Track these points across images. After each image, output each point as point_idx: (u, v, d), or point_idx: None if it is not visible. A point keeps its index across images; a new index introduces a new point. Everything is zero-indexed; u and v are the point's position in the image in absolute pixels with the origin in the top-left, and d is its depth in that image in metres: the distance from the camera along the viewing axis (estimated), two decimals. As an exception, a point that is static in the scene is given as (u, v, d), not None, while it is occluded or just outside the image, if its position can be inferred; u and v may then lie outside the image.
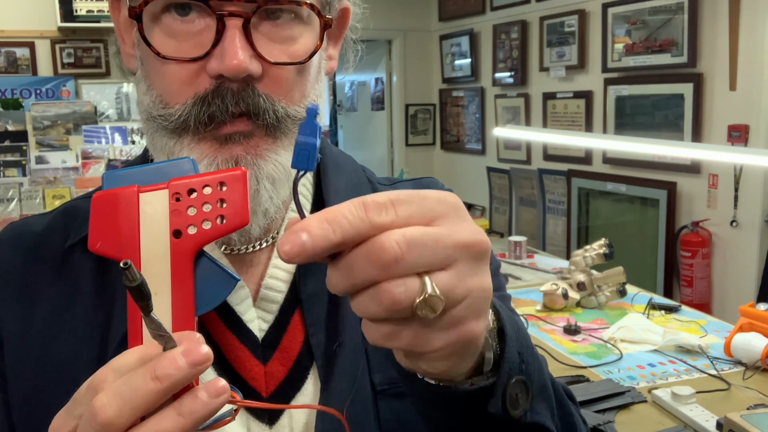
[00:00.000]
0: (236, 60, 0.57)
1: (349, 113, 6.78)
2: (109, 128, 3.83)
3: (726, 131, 3.31)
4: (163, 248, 0.44)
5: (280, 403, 0.64)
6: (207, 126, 0.59)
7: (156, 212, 0.44)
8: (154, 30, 0.60)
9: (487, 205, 5.33)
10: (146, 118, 0.63)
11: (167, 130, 0.61)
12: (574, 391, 1.58)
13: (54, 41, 4.31)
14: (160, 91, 0.61)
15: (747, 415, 1.27)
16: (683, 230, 3.56)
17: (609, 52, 3.94)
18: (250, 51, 0.58)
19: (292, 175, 0.63)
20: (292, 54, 0.61)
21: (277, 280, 0.67)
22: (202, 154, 0.60)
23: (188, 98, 0.59)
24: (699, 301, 3.40)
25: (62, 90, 4.31)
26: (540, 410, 0.54)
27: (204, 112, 0.59)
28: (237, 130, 0.60)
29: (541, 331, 2.03)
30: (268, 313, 0.67)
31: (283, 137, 0.62)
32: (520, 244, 2.96)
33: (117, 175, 0.46)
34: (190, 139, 0.60)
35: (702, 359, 1.76)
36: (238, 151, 0.60)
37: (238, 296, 0.66)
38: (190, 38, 0.59)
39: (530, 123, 4.69)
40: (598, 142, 3.23)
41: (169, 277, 0.44)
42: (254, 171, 0.60)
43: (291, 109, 0.62)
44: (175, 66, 0.59)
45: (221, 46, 0.58)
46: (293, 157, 0.44)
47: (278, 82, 0.61)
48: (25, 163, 3.69)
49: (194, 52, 0.58)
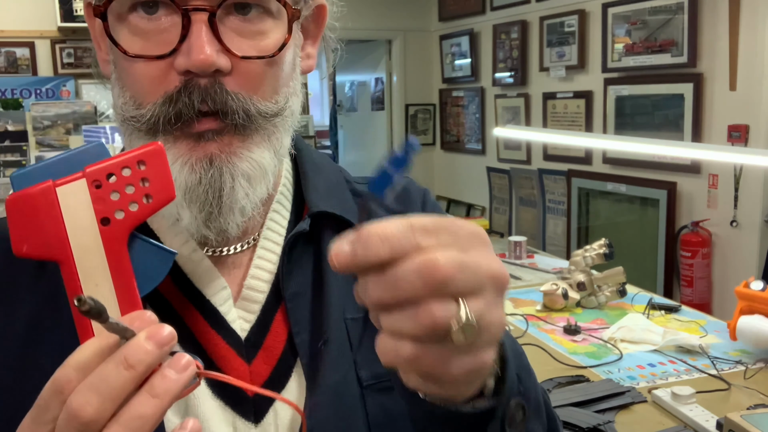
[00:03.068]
0: (203, 54, 0.56)
1: (349, 113, 6.78)
2: (109, 128, 3.83)
3: (726, 131, 3.31)
4: (93, 238, 0.43)
5: (265, 401, 0.64)
6: (174, 124, 0.58)
7: (78, 203, 0.43)
8: (122, 29, 0.59)
9: (487, 205, 5.33)
10: (121, 120, 0.62)
11: (141, 132, 0.60)
12: (573, 391, 1.58)
13: (54, 41, 4.31)
14: (132, 92, 0.60)
15: (747, 415, 1.27)
16: (683, 230, 3.56)
17: (609, 52, 3.94)
18: (217, 45, 0.57)
19: (267, 172, 0.62)
20: (262, 49, 0.60)
21: (259, 280, 0.68)
22: (177, 154, 0.59)
23: (158, 97, 0.59)
24: (699, 301, 3.40)
25: (62, 90, 4.31)
26: (534, 427, 0.56)
27: (171, 110, 0.58)
28: (207, 128, 0.59)
29: (541, 331, 2.03)
30: (250, 312, 0.67)
31: (254, 134, 0.61)
32: (520, 244, 2.96)
33: (25, 173, 0.44)
34: (164, 139, 0.59)
35: (702, 359, 1.76)
36: (212, 149, 0.60)
37: (221, 297, 0.66)
38: (157, 35, 0.58)
39: (530, 123, 4.69)
40: (598, 142, 3.23)
41: (107, 266, 0.43)
42: (229, 169, 0.60)
43: (262, 105, 0.61)
44: (143, 65, 0.59)
45: (188, 41, 0.57)
46: (375, 178, 0.43)
47: (248, 78, 0.60)
48: (25, 163, 3.69)
49: (161, 50, 0.58)
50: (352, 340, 0.67)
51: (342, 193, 0.75)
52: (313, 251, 0.70)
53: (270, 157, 0.63)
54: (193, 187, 0.59)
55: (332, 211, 0.70)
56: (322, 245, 0.69)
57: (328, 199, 0.72)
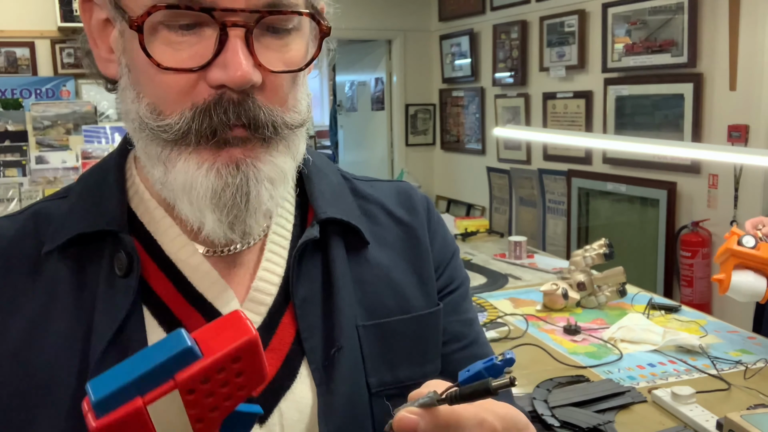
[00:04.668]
0: (240, 71, 0.57)
1: (349, 113, 6.77)
2: (109, 128, 3.83)
3: (726, 131, 3.31)
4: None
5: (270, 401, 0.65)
6: (209, 140, 0.59)
7: (172, 416, 0.39)
8: (153, 40, 0.59)
9: (487, 205, 5.33)
10: (138, 127, 0.62)
11: (162, 140, 0.60)
12: (573, 391, 1.59)
13: (54, 41, 4.31)
14: (154, 100, 0.60)
15: (747, 415, 1.27)
16: (683, 230, 3.56)
17: (609, 52, 3.94)
18: (252, 61, 0.58)
19: (287, 176, 0.64)
20: (288, 61, 0.61)
21: (267, 283, 0.68)
22: (202, 159, 0.60)
23: (185, 108, 0.59)
24: (699, 301, 3.40)
25: (62, 90, 4.31)
26: None
27: (205, 124, 0.58)
28: (237, 135, 0.60)
29: (541, 331, 2.03)
30: (257, 314, 0.67)
31: (278, 143, 0.62)
32: (520, 244, 2.96)
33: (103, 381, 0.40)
34: (191, 149, 0.60)
35: (702, 359, 1.76)
36: (237, 154, 0.60)
37: (223, 299, 0.66)
38: (190, 48, 0.58)
39: (530, 123, 4.69)
40: (598, 142, 3.23)
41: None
42: (255, 173, 0.61)
43: (288, 116, 0.62)
44: (172, 76, 0.58)
45: (224, 56, 0.57)
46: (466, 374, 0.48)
47: (276, 91, 0.61)
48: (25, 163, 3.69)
49: (195, 62, 0.58)
50: (363, 348, 0.68)
51: (346, 197, 0.76)
52: (321, 257, 0.70)
53: (290, 163, 0.64)
54: (220, 192, 0.60)
55: (340, 218, 0.71)
56: (329, 251, 0.70)
57: (335, 205, 0.73)
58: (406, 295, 0.73)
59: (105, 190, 0.68)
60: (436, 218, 0.82)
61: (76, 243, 0.65)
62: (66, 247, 0.65)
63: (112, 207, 0.67)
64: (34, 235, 0.67)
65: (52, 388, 0.61)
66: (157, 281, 0.66)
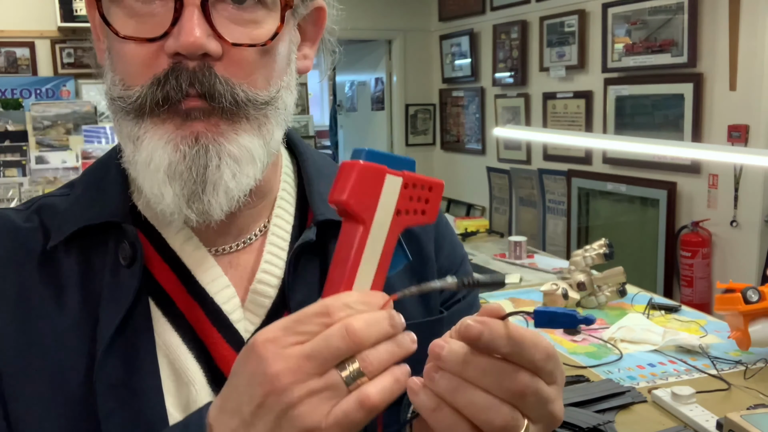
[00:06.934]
0: (192, 37, 0.57)
1: (349, 113, 6.78)
2: (109, 128, 3.83)
3: (726, 131, 3.31)
4: (387, 220, 0.55)
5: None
6: (162, 107, 0.59)
7: (392, 191, 0.55)
8: (116, 12, 0.60)
9: (487, 205, 5.33)
10: (109, 100, 0.63)
11: (127, 113, 0.61)
12: (573, 391, 1.58)
13: (54, 41, 4.31)
14: (121, 74, 0.61)
15: (747, 415, 1.27)
16: (683, 230, 3.56)
17: (609, 52, 3.94)
18: (207, 29, 0.58)
19: (255, 159, 0.62)
20: (254, 37, 0.61)
21: (267, 285, 0.68)
22: (163, 133, 0.60)
23: (147, 80, 0.59)
24: (699, 301, 3.40)
25: (62, 90, 4.31)
26: None
27: (159, 92, 0.58)
28: (193, 106, 0.59)
29: (542, 331, 2.03)
30: (256, 316, 0.68)
31: (243, 121, 0.61)
32: (520, 244, 2.96)
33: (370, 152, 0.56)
34: (151, 121, 0.60)
35: (702, 359, 1.76)
36: (198, 128, 0.60)
37: (223, 295, 0.67)
38: (150, 18, 0.59)
39: (530, 123, 4.69)
40: (598, 142, 3.23)
41: (384, 244, 0.55)
42: (216, 148, 0.60)
43: (252, 93, 0.61)
44: (134, 47, 0.59)
45: (179, 24, 0.57)
46: (546, 309, 0.56)
47: (239, 65, 0.60)
48: (25, 163, 3.69)
49: (153, 32, 0.58)
50: None
51: None
52: (319, 260, 0.70)
53: (259, 146, 0.63)
54: (176, 164, 0.59)
55: (338, 219, 0.70)
56: (327, 253, 0.70)
57: None
58: (402, 302, 0.73)
59: (107, 183, 0.69)
60: (444, 223, 0.81)
61: (81, 235, 0.66)
62: (71, 240, 0.66)
63: (114, 200, 0.67)
64: (41, 229, 0.68)
65: (63, 375, 0.62)
66: (161, 273, 0.67)
